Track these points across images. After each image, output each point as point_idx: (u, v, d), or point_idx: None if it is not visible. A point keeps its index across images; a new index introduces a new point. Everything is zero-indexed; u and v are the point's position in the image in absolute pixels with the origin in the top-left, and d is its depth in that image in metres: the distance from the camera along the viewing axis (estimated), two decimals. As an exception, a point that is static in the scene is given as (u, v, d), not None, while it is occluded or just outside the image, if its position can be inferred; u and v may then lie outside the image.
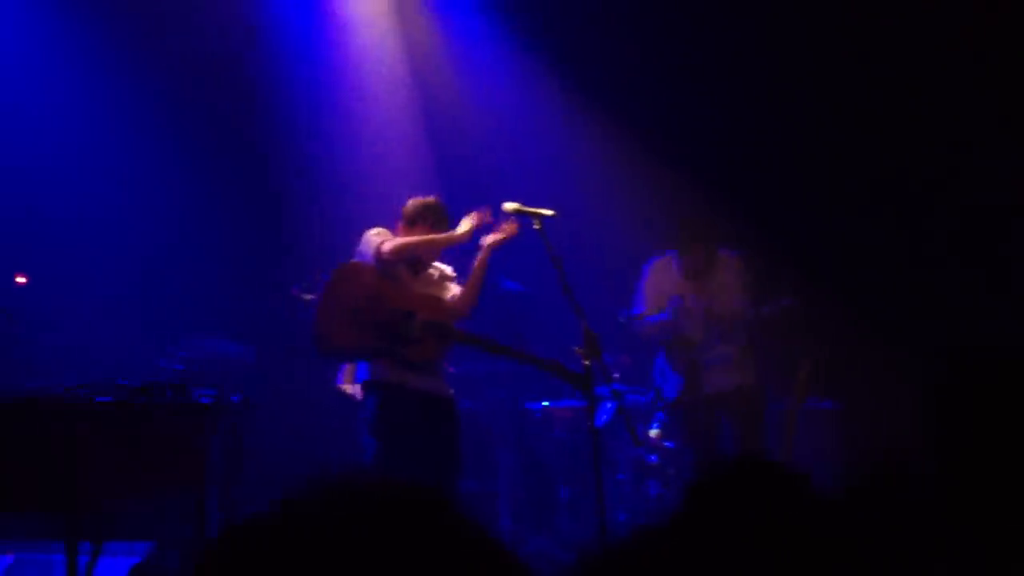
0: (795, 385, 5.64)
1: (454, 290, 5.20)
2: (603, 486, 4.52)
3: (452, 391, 5.21)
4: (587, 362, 4.59)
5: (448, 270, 5.29)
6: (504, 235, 5.03)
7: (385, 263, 4.95)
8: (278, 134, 7.37)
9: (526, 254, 5.35)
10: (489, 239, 5.05)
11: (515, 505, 6.61)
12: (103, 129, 6.97)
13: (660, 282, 5.81)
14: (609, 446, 6.32)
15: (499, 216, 5.00)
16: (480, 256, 5.08)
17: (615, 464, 6.53)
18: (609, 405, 6.44)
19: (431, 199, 5.21)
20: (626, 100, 7.55)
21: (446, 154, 7.60)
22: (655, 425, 6.73)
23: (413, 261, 5.10)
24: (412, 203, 5.19)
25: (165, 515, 5.07)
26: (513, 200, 4.78)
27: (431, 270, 5.22)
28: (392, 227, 5.17)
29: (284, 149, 7.39)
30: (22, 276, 5.99)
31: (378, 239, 5.00)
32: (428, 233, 5.11)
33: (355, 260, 5.05)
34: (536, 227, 4.66)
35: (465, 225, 5.05)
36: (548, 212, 4.69)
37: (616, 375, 6.48)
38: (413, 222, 5.14)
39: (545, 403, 6.79)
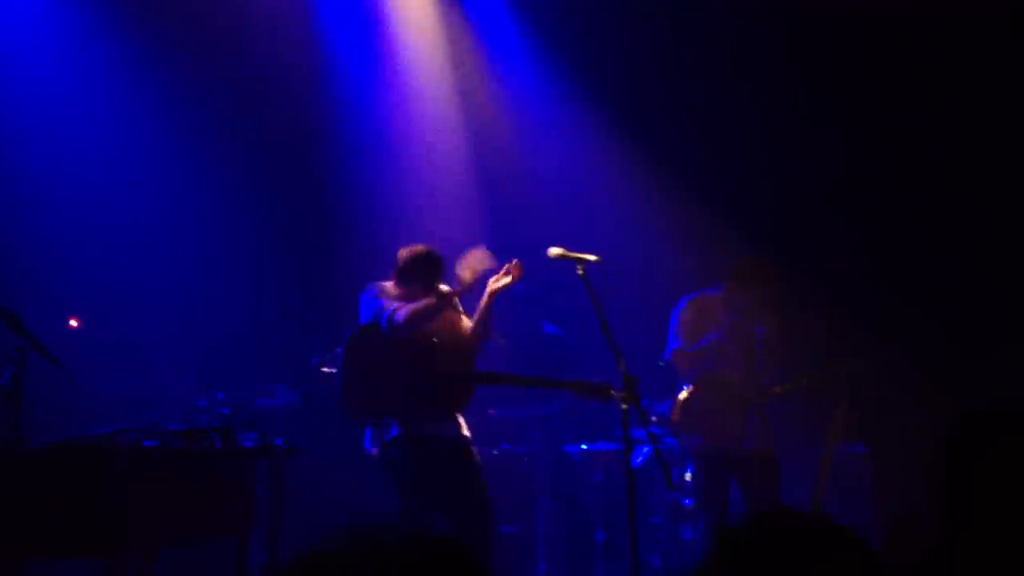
0: (829, 430, 5.60)
1: (466, 323, 5.25)
2: (638, 529, 4.54)
3: (469, 434, 5.23)
4: (625, 406, 4.62)
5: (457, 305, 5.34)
6: (510, 279, 5.05)
7: (398, 331, 4.99)
8: (330, 175, 7.46)
9: (570, 298, 5.39)
10: (493, 285, 5.03)
11: (552, 548, 6.62)
12: (152, 167, 7.04)
13: (699, 319, 5.81)
14: (645, 489, 6.33)
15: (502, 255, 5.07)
16: (484, 301, 5.08)
17: (650, 507, 6.53)
18: (646, 448, 6.46)
19: (421, 249, 5.19)
20: (673, 145, 7.60)
21: (489, 184, 7.68)
22: (690, 469, 6.72)
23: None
24: (404, 255, 5.18)
25: (209, 559, 5.13)
26: (557, 245, 4.82)
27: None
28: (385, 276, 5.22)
29: (333, 188, 7.47)
30: (75, 320, 6.11)
31: (387, 306, 5.04)
32: (422, 284, 5.11)
33: (363, 325, 5.10)
34: (579, 272, 4.70)
35: (466, 275, 5.06)
36: (592, 257, 4.73)
37: (654, 418, 6.51)
38: (406, 275, 5.15)
39: (583, 446, 6.81)
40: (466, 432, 5.16)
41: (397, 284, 5.14)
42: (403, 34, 7.80)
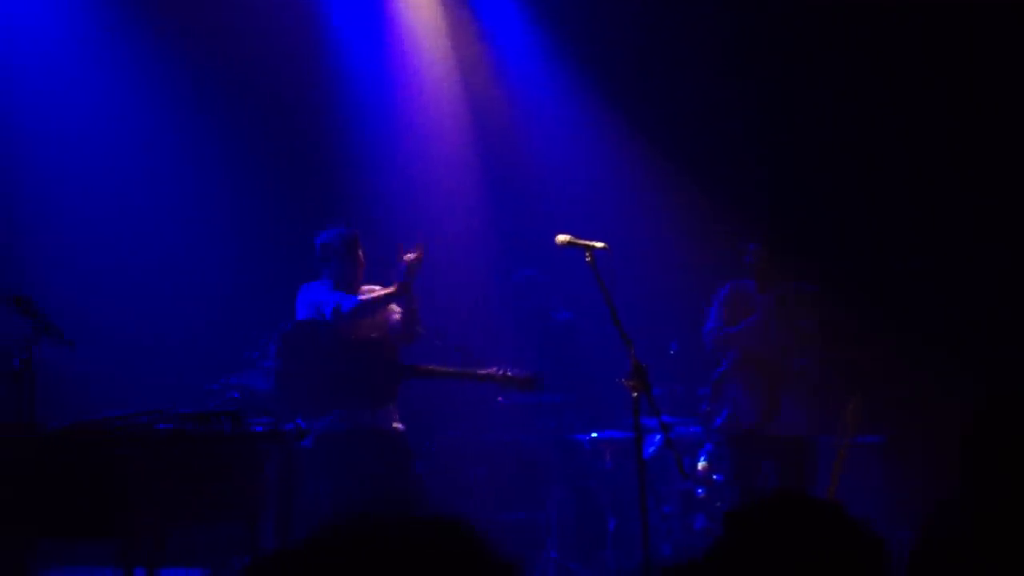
0: (843, 420, 5.61)
1: (393, 317, 5.36)
2: (649, 518, 4.53)
3: (402, 426, 5.31)
4: (635, 394, 4.62)
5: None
6: (417, 256, 5.15)
7: (343, 321, 5.09)
8: (339, 168, 7.48)
9: (579, 286, 5.40)
10: (409, 259, 5.16)
11: (562, 536, 6.62)
12: (164, 157, 7.08)
13: (738, 302, 5.84)
14: (656, 478, 6.33)
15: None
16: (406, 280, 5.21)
17: (662, 496, 6.53)
18: (657, 437, 6.46)
19: (336, 233, 5.38)
20: (682, 132, 7.60)
21: (497, 177, 7.69)
22: (703, 457, 6.72)
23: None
24: (322, 239, 5.38)
25: (219, 542, 5.16)
26: (565, 232, 4.82)
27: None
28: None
29: (343, 176, 7.49)
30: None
31: (330, 299, 5.15)
32: (343, 266, 5.29)
33: (297, 323, 5.23)
34: (587, 260, 4.70)
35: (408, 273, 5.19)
36: (599, 245, 4.72)
37: (664, 407, 6.50)
38: (327, 258, 5.30)
39: (593, 434, 6.81)
40: (398, 424, 5.25)
41: (323, 270, 5.33)
42: (410, 27, 7.80)
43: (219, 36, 7.11)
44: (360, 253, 5.38)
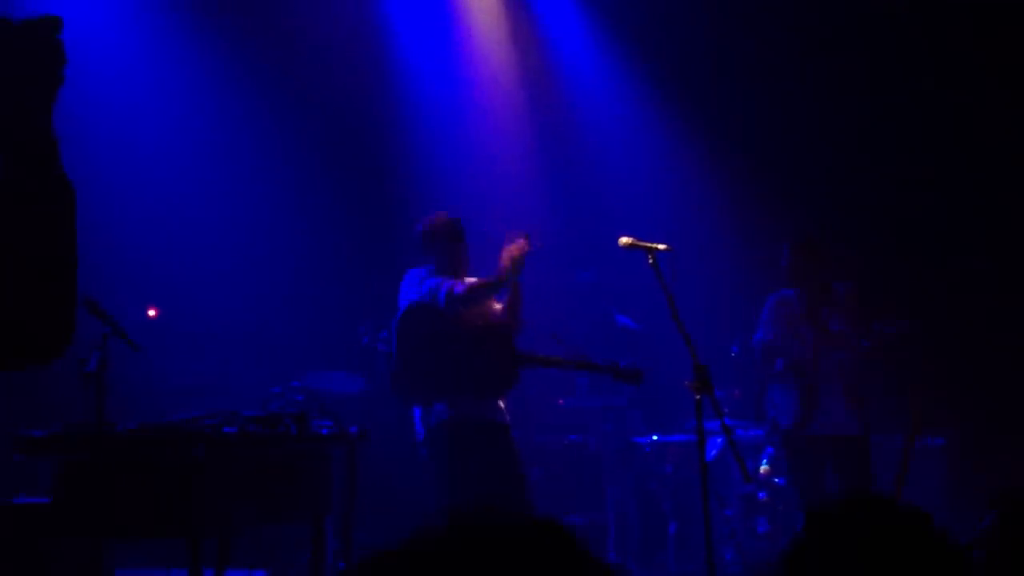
0: (908, 422, 5.54)
1: (496, 306, 5.24)
2: (711, 522, 4.50)
3: (508, 420, 5.23)
4: (698, 396, 4.59)
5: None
6: (522, 248, 4.98)
7: (456, 306, 4.99)
8: (395, 166, 7.52)
9: (642, 289, 5.37)
10: (511, 252, 4.97)
11: (623, 539, 6.60)
12: (226, 164, 7.20)
13: (782, 313, 5.83)
14: (718, 481, 6.28)
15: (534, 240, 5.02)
16: (509, 272, 5.03)
17: (724, 499, 6.48)
18: (719, 440, 6.41)
19: (437, 218, 5.23)
20: (743, 131, 7.55)
21: (559, 178, 7.69)
22: (765, 460, 6.66)
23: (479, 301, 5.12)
24: (424, 225, 5.22)
25: (284, 543, 5.20)
26: (627, 235, 4.80)
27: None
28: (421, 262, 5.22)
29: (397, 176, 7.54)
30: (153, 309, 6.23)
31: (442, 283, 5.04)
32: (447, 251, 5.14)
33: (415, 303, 5.07)
34: (650, 261, 4.68)
35: (506, 262, 5.02)
36: (661, 247, 4.70)
37: (726, 409, 6.46)
38: (429, 247, 5.16)
39: (654, 437, 6.78)
40: (507, 418, 5.16)
41: (427, 258, 5.17)
42: (472, 29, 7.83)
43: (286, 42, 7.20)
44: (463, 240, 5.22)
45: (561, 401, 6.59)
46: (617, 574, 1.17)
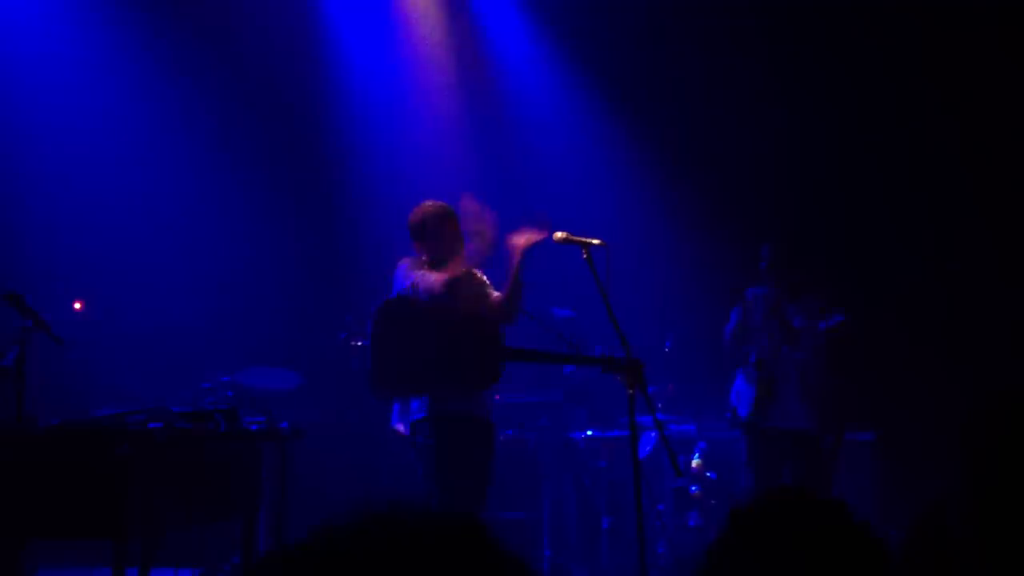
0: (840, 416, 5.68)
1: (493, 295, 5.12)
2: (644, 516, 4.52)
3: (492, 415, 5.13)
4: (631, 391, 4.59)
5: (483, 277, 5.21)
6: (538, 236, 4.91)
7: (438, 298, 4.85)
8: (333, 162, 7.45)
9: (576, 283, 5.35)
10: (520, 240, 4.81)
11: (558, 534, 6.61)
12: (161, 154, 7.08)
13: (753, 308, 5.97)
14: (651, 476, 6.32)
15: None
16: (515, 260, 4.86)
17: (657, 494, 6.52)
18: (653, 434, 6.45)
19: (430, 205, 5.06)
20: (678, 129, 7.59)
21: (496, 175, 7.67)
22: (697, 455, 6.72)
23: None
24: (414, 216, 5.04)
25: (213, 542, 5.12)
26: (562, 230, 4.77)
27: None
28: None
29: (336, 177, 7.47)
30: (79, 302, 6.10)
31: (423, 276, 4.90)
32: (443, 240, 4.96)
33: (395, 295, 4.96)
34: (584, 256, 4.67)
35: (479, 242, 4.88)
36: (596, 241, 4.70)
37: (659, 404, 6.50)
38: (422, 235, 4.99)
39: (589, 432, 6.80)
40: (491, 414, 5.06)
41: (420, 250, 5.02)
42: (410, 28, 7.79)
43: (222, 37, 7.11)
44: (457, 228, 5.00)
45: (497, 396, 6.55)
46: (532, 570, 1.15)
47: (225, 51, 7.16)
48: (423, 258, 5.00)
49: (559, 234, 4.74)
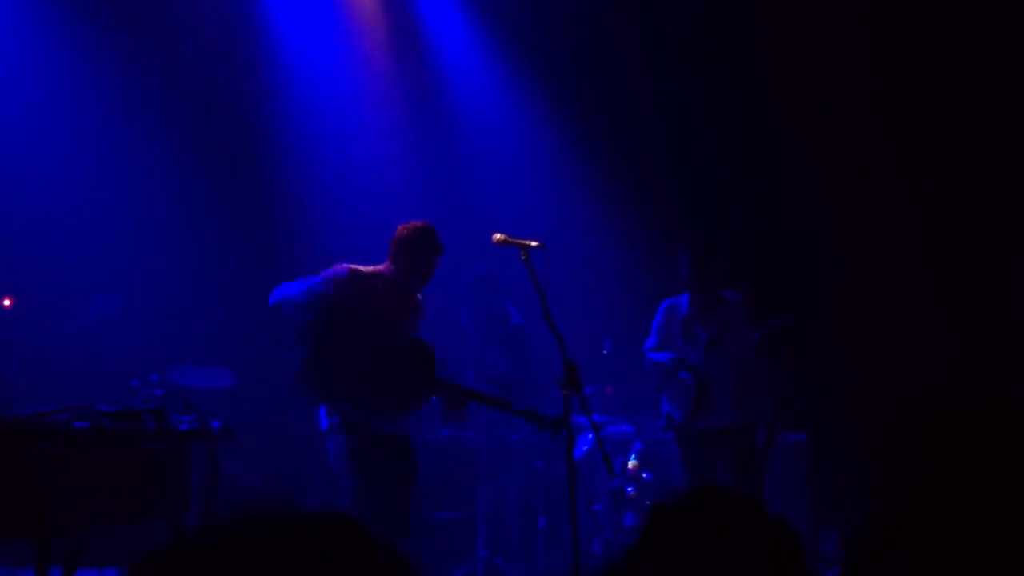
0: (770, 417, 5.74)
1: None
2: (579, 516, 4.53)
3: (409, 431, 5.18)
4: (566, 392, 4.61)
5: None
6: None
7: (272, 311, 4.93)
8: (268, 158, 7.38)
9: (516, 285, 5.37)
10: None
11: (492, 534, 6.60)
12: (89, 148, 6.96)
13: (669, 321, 5.99)
14: (587, 476, 6.33)
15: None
16: None
17: (592, 494, 6.54)
18: (589, 435, 6.46)
19: (414, 226, 5.16)
20: (619, 133, 7.62)
21: (436, 176, 7.65)
22: (633, 456, 6.76)
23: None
24: (398, 232, 5.15)
25: (140, 541, 5.03)
26: (501, 231, 4.79)
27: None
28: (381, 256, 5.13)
29: (272, 173, 7.40)
30: (8, 299, 5.97)
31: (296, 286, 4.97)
32: (408, 261, 5.08)
33: (332, 303, 4.95)
34: (523, 258, 4.68)
35: None
36: (534, 243, 4.71)
37: (596, 405, 6.52)
38: (395, 253, 5.12)
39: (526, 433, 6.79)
40: (407, 429, 5.13)
41: (394, 262, 5.11)
42: (349, 24, 7.74)
43: (160, 34, 7.03)
44: (437, 256, 5.14)
45: (433, 397, 6.54)
46: (409, 565, 1.16)
47: (163, 47, 7.07)
48: (385, 269, 5.01)
49: (498, 236, 4.76)
